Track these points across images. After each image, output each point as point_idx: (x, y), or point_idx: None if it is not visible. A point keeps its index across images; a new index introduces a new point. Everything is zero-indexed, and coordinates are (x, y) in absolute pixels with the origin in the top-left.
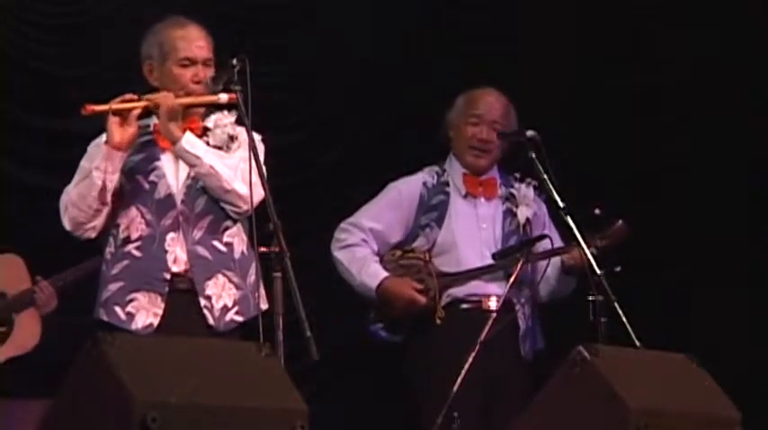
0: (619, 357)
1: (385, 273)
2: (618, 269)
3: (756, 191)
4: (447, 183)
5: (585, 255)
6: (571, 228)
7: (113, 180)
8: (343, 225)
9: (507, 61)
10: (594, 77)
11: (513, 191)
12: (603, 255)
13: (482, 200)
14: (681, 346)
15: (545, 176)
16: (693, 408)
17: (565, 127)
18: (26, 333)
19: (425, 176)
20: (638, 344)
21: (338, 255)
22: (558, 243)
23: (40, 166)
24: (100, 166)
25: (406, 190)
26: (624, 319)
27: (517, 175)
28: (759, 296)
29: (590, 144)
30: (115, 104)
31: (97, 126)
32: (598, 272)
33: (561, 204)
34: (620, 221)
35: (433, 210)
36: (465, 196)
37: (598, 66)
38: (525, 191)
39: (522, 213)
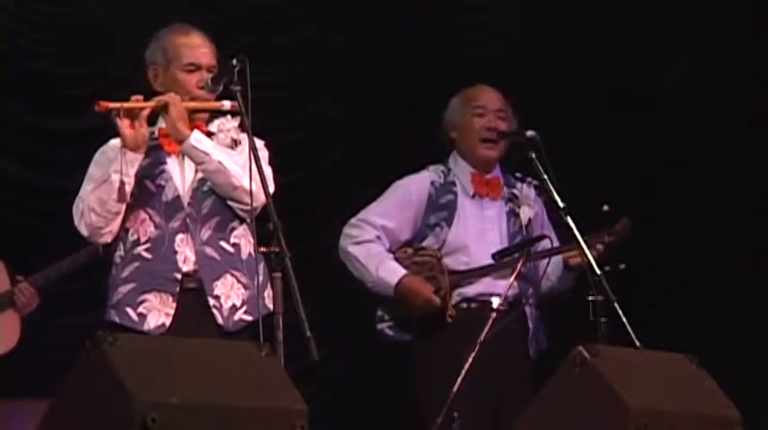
0: (619, 357)
1: (404, 271)
2: (623, 266)
3: (756, 190)
4: (454, 183)
5: (586, 255)
6: (571, 229)
7: (131, 182)
8: (353, 221)
9: (507, 61)
10: (594, 77)
11: (515, 191)
12: (610, 251)
13: (488, 200)
14: (681, 346)
15: (545, 176)
16: (693, 408)
17: (565, 127)
18: (6, 334)
19: (432, 175)
20: (638, 344)
21: (352, 250)
22: (557, 243)
23: (39, 166)
24: (119, 169)
25: (415, 189)
26: (624, 319)
27: (518, 175)
28: (759, 296)
29: (590, 144)
30: (127, 103)
31: (98, 126)
32: (598, 272)
33: (561, 204)
34: (626, 218)
35: (441, 209)
36: (473, 196)
37: (598, 65)
38: (527, 191)
39: (525, 214)
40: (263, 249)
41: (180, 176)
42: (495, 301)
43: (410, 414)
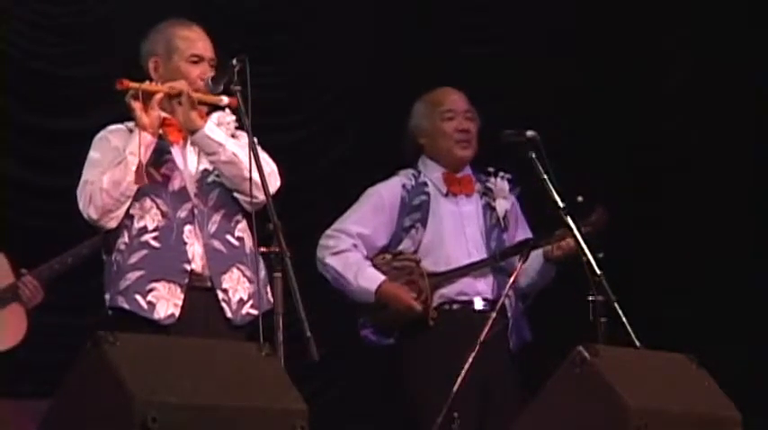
0: (619, 357)
1: (382, 277)
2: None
3: (757, 190)
4: (425, 184)
5: (586, 256)
6: (571, 228)
7: (144, 165)
8: (329, 232)
9: (507, 61)
10: (594, 77)
11: (489, 185)
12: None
13: (463, 197)
14: (681, 346)
15: (545, 176)
16: (693, 408)
17: (564, 127)
18: (11, 328)
19: (403, 179)
20: (638, 344)
21: (330, 261)
22: (530, 234)
23: (39, 166)
24: (134, 151)
25: (387, 193)
26: (624, 319)
27: (490, 170)
28: (759, 296)
29: (590, 144)
30: (145, 85)
31: (98, 126)
32: (598, 272)
33: (561, 204)
34: (602, 208)
35: (415, 211)
36: (446, 195)
37: (598, 65)
38: (501, 184)
39: (501, 206)
40: (263, 249)
41: (184, 167)
42: (477, 302)
43: (400, 415)
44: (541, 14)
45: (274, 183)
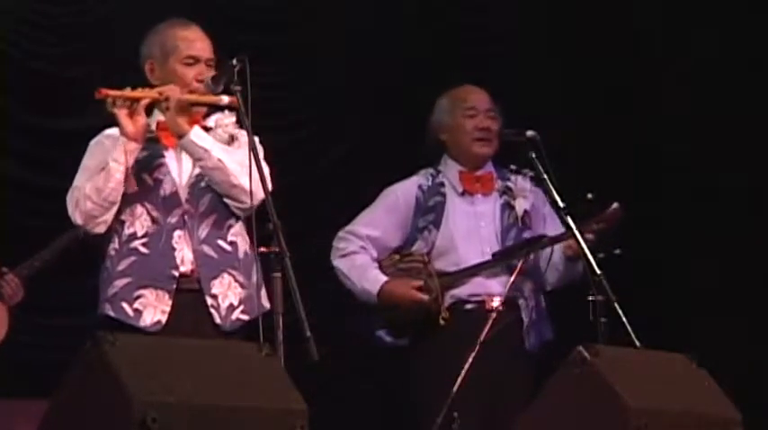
0: (619, 357)
1: (384, 278)
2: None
3: (756, 191)
4: (443, 184)
5: (587, 256)
6: (571, 229)
7: (124, 172)
8: (341, 233)
9: (507, 61)
10: (594, 77)
11: (509, 184)
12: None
13: (479, 196)
14: (681, 346)
15: (545, 176)
16: (693, 408)
17: (565, 127)
18: None
19: (420, 179)
20: (638, 344)
21: (338, 263)
22: (560, 230)
23: (39, 166)
24: (118, 159)
25: (402, 194)
26: (624, 319)
27: (513, 167)
28: (759, 296)
29: (590, 144)
30: (127, 92)
31: (98, 126)
32: (598, 272)
33: (561, 204)
34: (616, 204)
35: (430, 212)
36: (462, 194)
37: (598, 65)
38: (522, 183)
39: (520, 205)
40: (263, 249)
41: (177, 171)
42: (496, 301)
43: (410, 417)
44: (541, 14)
45: (264, 189)
